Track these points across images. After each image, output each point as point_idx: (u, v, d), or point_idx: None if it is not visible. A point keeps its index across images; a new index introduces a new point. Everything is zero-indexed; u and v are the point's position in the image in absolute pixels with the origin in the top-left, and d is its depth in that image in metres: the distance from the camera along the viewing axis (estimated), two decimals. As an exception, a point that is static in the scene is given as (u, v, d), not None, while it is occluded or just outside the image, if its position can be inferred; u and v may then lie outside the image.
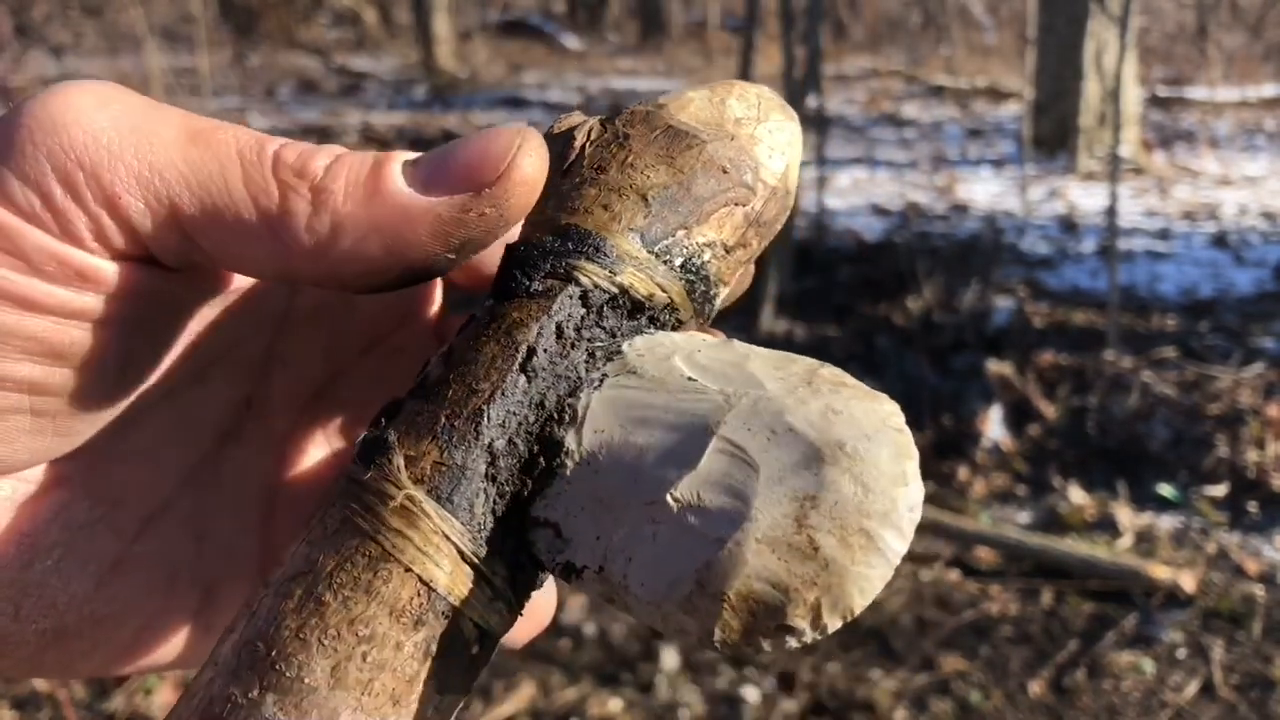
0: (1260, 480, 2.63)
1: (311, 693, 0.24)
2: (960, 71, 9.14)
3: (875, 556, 0.25)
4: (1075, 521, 2.52)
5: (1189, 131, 6.84)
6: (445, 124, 7.34)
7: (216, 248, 0.26)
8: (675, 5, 12.44)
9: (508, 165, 0.26)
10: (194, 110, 0.26)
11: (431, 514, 0.26)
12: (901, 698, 1.98)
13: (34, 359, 0.25)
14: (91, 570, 0.28)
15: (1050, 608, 2.22)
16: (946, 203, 5.30)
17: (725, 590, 0.24)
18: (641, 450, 0.26)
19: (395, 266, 0.26)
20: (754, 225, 0.31)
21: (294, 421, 0.33)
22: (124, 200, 0.25)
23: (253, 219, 0.25)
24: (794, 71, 3.73)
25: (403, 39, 11.65)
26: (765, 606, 0.24)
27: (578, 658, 2.10)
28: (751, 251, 0.32)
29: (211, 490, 0.31)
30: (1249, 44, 9.15)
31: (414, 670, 0.25)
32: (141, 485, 0.30)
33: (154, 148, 0.25)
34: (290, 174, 0.25)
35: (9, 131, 0.25)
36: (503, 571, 0.27)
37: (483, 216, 0.26)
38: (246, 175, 0.25)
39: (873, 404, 0.27)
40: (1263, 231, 4.72)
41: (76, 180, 0.24)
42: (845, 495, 0.25)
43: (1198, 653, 2.08)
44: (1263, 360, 3.20)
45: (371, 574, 0.25)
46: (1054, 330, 3.57)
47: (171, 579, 0.30)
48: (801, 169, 0.34)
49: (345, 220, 0.25)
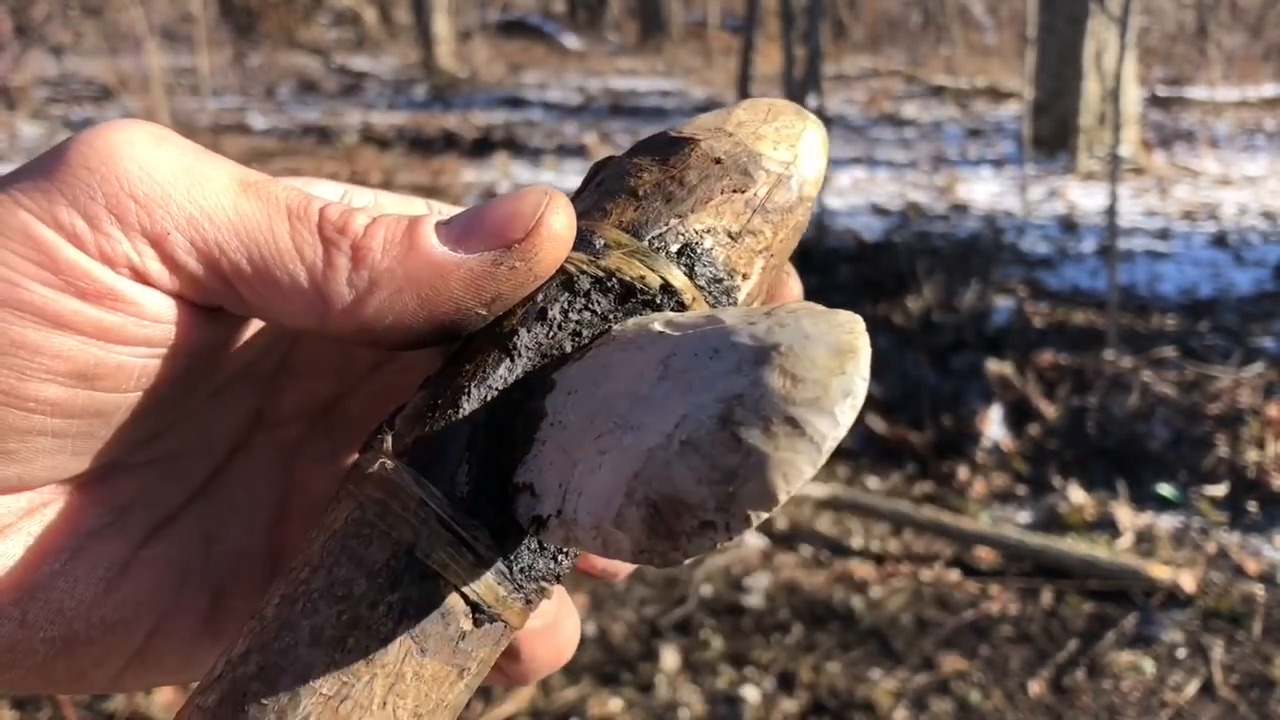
0: (1260, 480, 2.63)
1: (290, 649, 0.25)
2: (960, 71, 9.14)
3: (801, 442, 0.23)
4: (1075, 521, 2.52)
5: (1189, 131, 6.84)
6: (445, 124, 7.34)
7: (256, 296, 0.27)
8: (675, 5, 12.44)
9: (536, 222, 0.27)
10: (194, 110, 0.27)
11: (408, 481, 0.26)
12: (901, 697, 1.98)
13: (58, 379, 0.25)
14: (99, 574, 0.29)
15: (1050, 607, 2.22)
16: (946, 202, 5.30)
17: (649, 495, 0.24)
18: (602, 397, 0.27)
19: (428, 321, 0.27)
20: (760, 211, 0.31)
21: (304, 434, 0.33)
22: (171, 238, 0.26)
23: (298, 271, 0.26)
24: (794, 71, 3.72)
25: (403, 39, 11.65)
26: (685, 505, 0.24)
27: (578, 657, 2.10)
28: (766, 240, 0.31)
29: (221, 499, 0.31)
30: (1249, 44, 9.15)
31: (389, 630, 0.25)
32: (152, 493, 0.30)
33: (206, 192, 0.26)
34: (334, 231, 0.27)
35: (64, 156, 0.26)
36: (485, 538, 0.27)
37: (513, 270, 0.27)
38: (294, 229, 0.26)
39: (828, 317, 0.26)
40: (1262, 231, 4.72)
41: (127, 210, 0.25)
42: (772, 388, 0.24)
43: (1197, 652, 2.08)
44: (1262, 360, 3.20)
45: (354, 539, 0.26)
46: (1054, 330, 3.57)
47: (180, 582, 0.30)
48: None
49: (383, 275, 0.26)
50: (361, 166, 6.05)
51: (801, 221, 0.32)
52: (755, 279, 0.31)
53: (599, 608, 2.25)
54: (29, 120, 7.35)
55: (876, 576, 2.34)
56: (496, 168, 6.09)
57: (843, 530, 2.53)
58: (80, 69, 8.77)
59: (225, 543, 0.31)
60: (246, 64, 9.63)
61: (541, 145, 6.75)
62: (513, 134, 7.06)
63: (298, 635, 0.26)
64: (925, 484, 2.73)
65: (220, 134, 6.87)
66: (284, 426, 0.33)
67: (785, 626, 2.19)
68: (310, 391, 0.33)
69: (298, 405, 0.33)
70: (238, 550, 0.31)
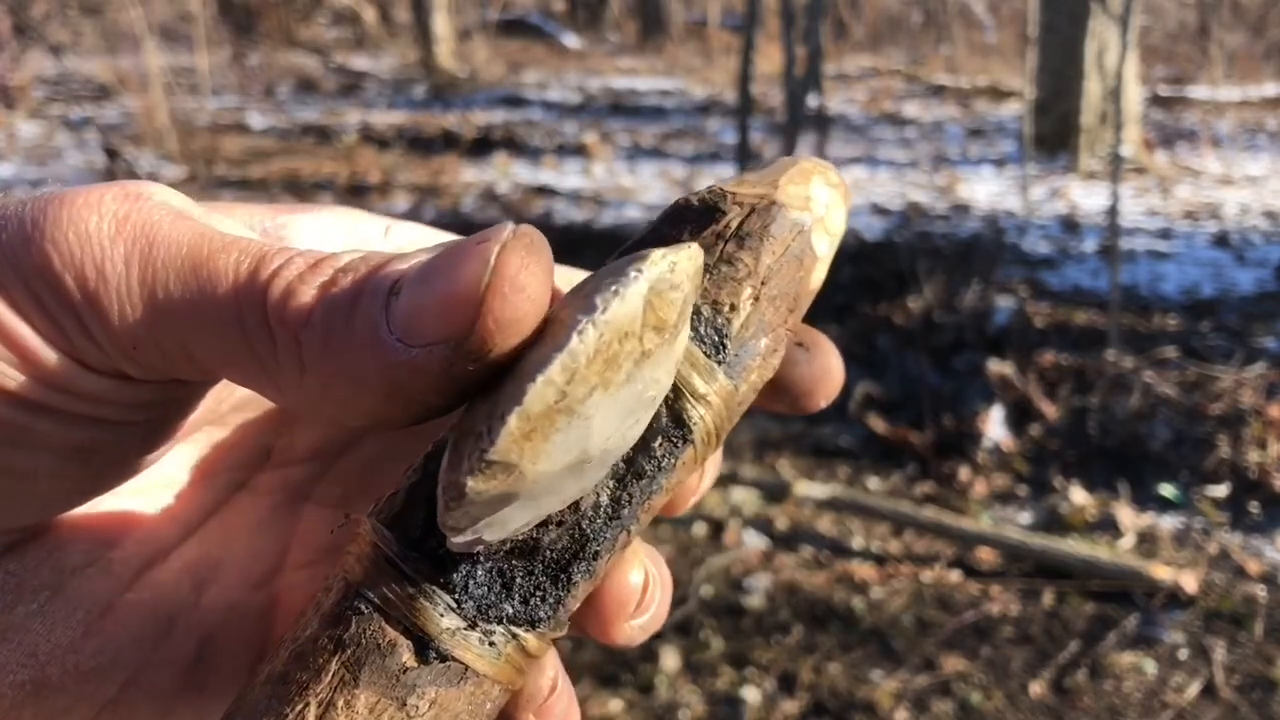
0: (1262, 480, 2.63)
1: (248, 692, 0.25)
2: (961, 71, 9.14)
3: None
4: (1076, 522, 2.52)
5: (1190, 131, 6.84)
6: (445, 123, 7.34)
7: (211, 374, 0.25)
8: (675, 5, 12.44)
9: (479, 312, 0.22)
10: (194, 110, 0.25)
11: (368, 530, 0.26)
12: (902, 698, 1.97)
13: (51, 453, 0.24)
14: (80, 616, 0.27)
15: (1051, 608, 2.22)
16: (947, 202, 5.30)
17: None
18: None
19: (401, 413, 0.24)
20: (733, 239, 0.30)
21: (315, 475, 0.32)
22: (113, 316, 0.23)
23: (250, 364, 0.24)
24: (794, 71, 3.72)
25: (402, 38, 11.65)
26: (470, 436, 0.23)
27: (578, 658, 2.09)
28: (747, 267, 0.29)
29: (217, 541, 0.30)
30: (1250, 43, 9.14)
31: (324, 661, 0.25)
32: (143, 531, 0.28)
33: (156, 267, 0.23)
34: (276, 321, 0.23)
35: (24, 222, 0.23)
36: (425, 569, 0.26)
37: (471, 372, 0.23)
38: (243, 317, 0.23)
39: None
40: (1264, 231, 4.72)
41: (65, 285, 0.23)
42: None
43: (1199, 653, 2.07)
44: (1264, 360, 3.19)
45: (321, 592, 0.26)
46: (1055, 330, 3.57)
47: (166, 628, 0.28)
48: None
49: (332, 378, 0.23)
50: (361, 166, 6.04)
51: (798, 248, 0.31)
52: (747, 310, 0.29)
53: (599, 608, 2.25)
54: (28, 119, 7.35)
55: (877, 577, 2.34)
56: (496, 167, 6.09)
57: (843, 531, 2.53)
58: (79, 68, 8.77)
59: (217, 592, 0.29)
60: (245, 63, 9.63)
61: (541, 145, 6.75)
62: (512, 133, 7.05)
63: (256, 679, 0.25)
64: (926, 484, 2.73)
65: (219, 133, 6.87)
66: (295, 466, 0.31)
67: (786, 627, 2.19)
68: (321, 431, 0.31)
69: (311, 443, 0.31)
70: (229, 601, 0.29)
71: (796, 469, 2.83)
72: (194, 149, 6.31)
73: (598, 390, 0.23)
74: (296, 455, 0.31)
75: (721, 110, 7.88)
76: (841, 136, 6.85)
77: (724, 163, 6.14)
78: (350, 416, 0.23)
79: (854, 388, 3.09)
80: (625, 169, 6.15)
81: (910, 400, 3.05)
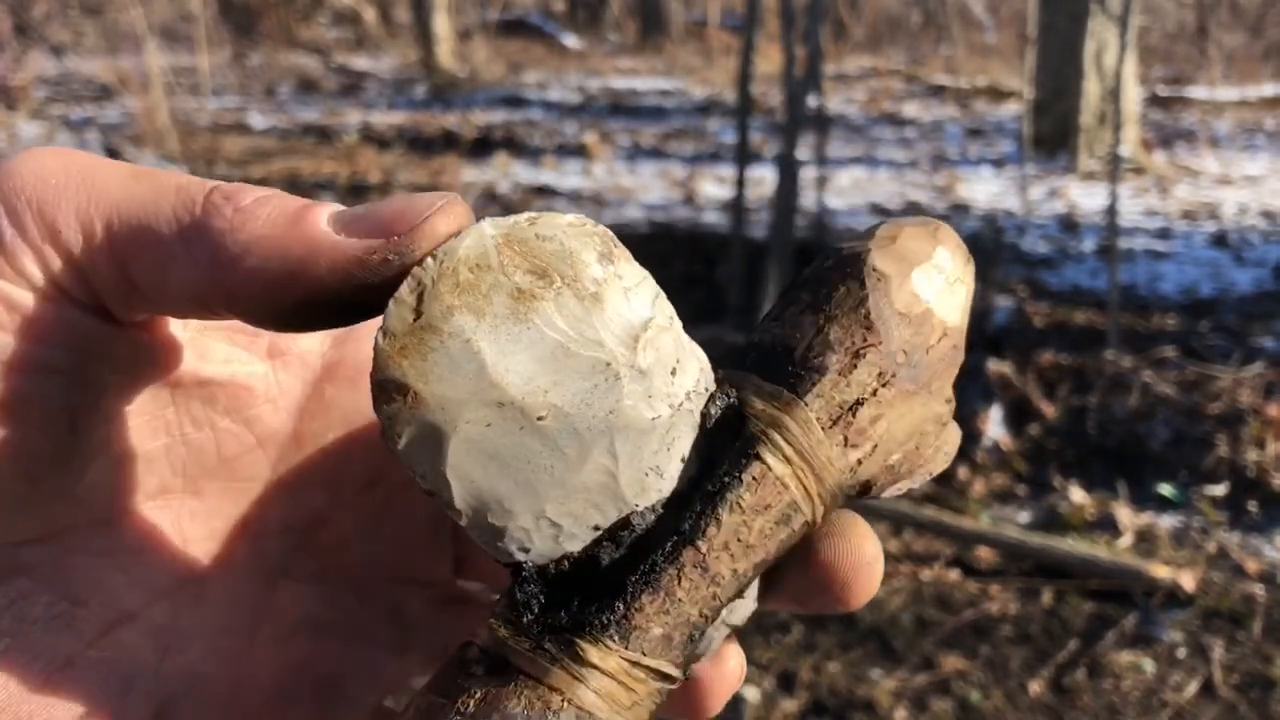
0: (1260, 480, 2.63)
1: None
2: (960, 71, 9.14)
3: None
4: (1075, 521, 2.52)
5: (1189, 131, 6.84)
6: (445, 123, 7.34)
7: (142, 271, 0.26)
8: (675, 5, 12.44)
9: (422, 221, 0.26)
10: (193, 109, 0.27)
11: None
12: (901, 697, 1.98)
13: None
14: (38, 669, 0.26)
15: (1050, 607, 2.22)
16: (947, 202, 5.30)
17: None
18: None
19: (294, 297, 0.26)
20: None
21: (290, 548, 0.32)
22: (63, 233, 0.26)
23: (173, 232, 0.26)
24: (794, 71, 3.72)
25: (402, 38, 11.65)
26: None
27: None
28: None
29: (187, 609, 0.29)
30: (1249, 43, 9.15)
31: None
32: (110, 592, 0.28)
33: (96, 184, 0.26)
34: (219, 197, 0.27)
35: None
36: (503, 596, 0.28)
37: (384, 263, 0.26)
38: (177, 199, 0.26)
39: None
40: (1263, 231, 4.72)
41: (23, 216, 0.26)
42: None
43: (1198, 652, 2.08)
44: (1263, 360, 3.20)
45: None
46: (1054, 330, 3.58)
47: (124, 689, 0.28)
48: (801, 168, 0.33)
49: (258, 241, 0.26)
50: (361, 166, 6.05)
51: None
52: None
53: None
54: (29, 119, 7.35)
55: (876, 576, 2.34)
56: (496, 167, 6.09)
57: (843, 530, 2.53)
58: (80, 68, 8.77)
59: (182, 660, 0.29)
60: (246, 63, 9.63)
61: (541, 144, 6.75)
62: (513, 133, 7.06)
63: None
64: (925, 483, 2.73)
65: (220, 133, 6.87)
66: (270, 539, 0.31)
67: (785, 626, 2.19)
68: (299, 504, 0.32)
69: (284, 517, 0.31)
70: (193, 670, 0.29)
71: (796, 468, 2.84)
72: (195, 149, 6.31)
73: (462, 313, 0.25)
74: (272, 528, 0.31)
75: (721, 110, 7.88)
76: (841, 136, 6.86)
77: (724, 163, 6.15)
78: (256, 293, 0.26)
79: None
80: (625, 169, 6.15)
81: (910, 400, 3.06)
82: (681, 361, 0.27)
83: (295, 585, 0.31)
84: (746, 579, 0.28)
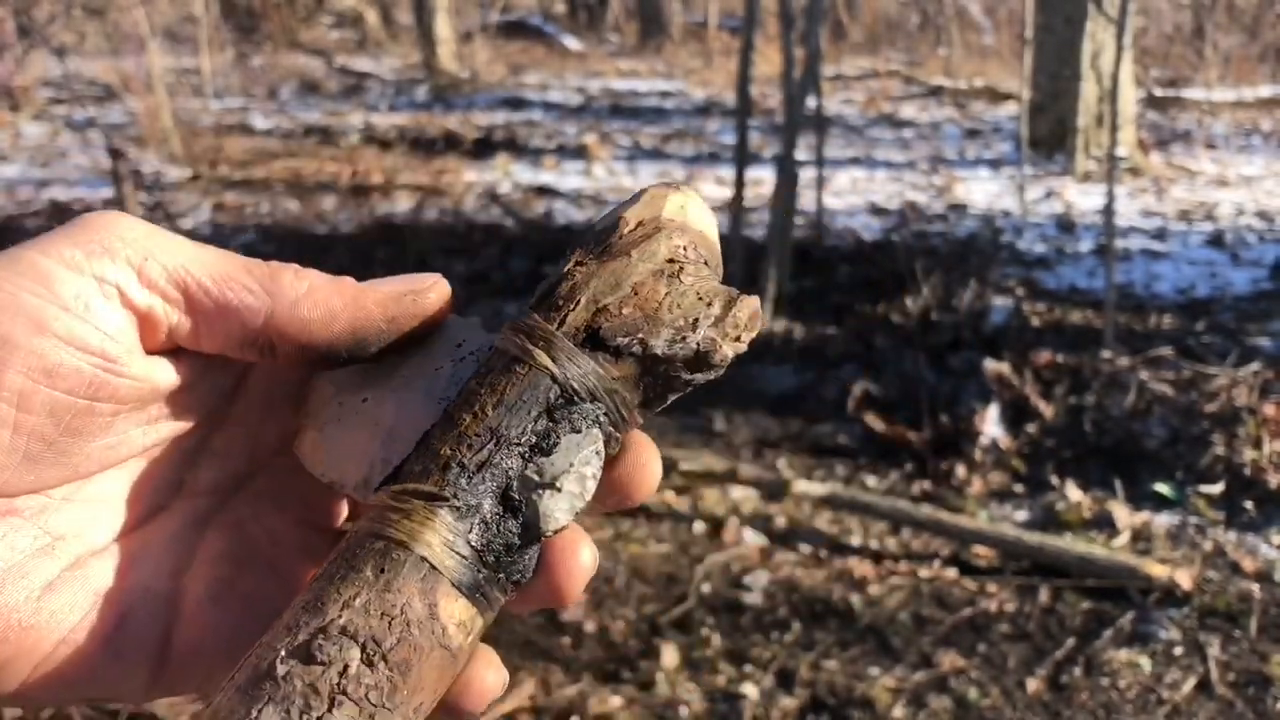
0: (1257, 478, 2.65)
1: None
2: (958, 72, 9.16)
3: None
4: (1073, 519, 2.54)
5: (1186, 132, 6.86)
6: (446, 124, 7.35)
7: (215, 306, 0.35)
8: (675, 6, 12.45)
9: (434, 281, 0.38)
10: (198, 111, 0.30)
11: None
12: (900, 695, 1.99)
13: (27, 373, 0.31)
14: (25, 585, 0.33)
15: (1048, 605, 2.24)
16: (944, 203, 5.32)
17: None
18: None
19: (347, 326, 0.36)
20: None
21: (215, 506, 0.39)
22: (149, 264, 0.34)
23: (250, 282, 0.35)
24: (793, 72, 3.74)
25: (404, 40, 11.66)
26: None
27: (578, 655, 2.11)
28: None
29: (139, 545, 0.37)
30: (1246, 45, 9.16)
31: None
32: (85, 528, 0.35)
33: (177, 241, 0.35)
34: (277, 264, 0.36)
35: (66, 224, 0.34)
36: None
37: (414, 303, 0.37)
38: (246, 263, 0.35)
39: None
40: (1259, 231, 4.74)
41: (115, 248, 0.34)
42: None
43: (1194, 650, 2.09)
44: (1259, 359, 3.21)
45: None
46: (1051, 329, 3.59)
47: (95, 601, 0.35)
48: (800, 168, 0.36)
49: (319, 287, 0.36)
50: (363, 167, 6.06)
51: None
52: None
53: (599, 605, 2.26)
54: (32, 120, 7.36)
55: (875, 574, 2.36)
56: (497, 168, 6.11)
57: (841, 528, 2.55)
58: (83, 70, 8.78)
59: (135, 578, 0.36)
60: (249, 65, 9.64)
61: (542, 145, 6.76)
62: (514, 134, 7.07)
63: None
64: (923, 482, 2.75)
65: (222, 134, 6.88)
66: (200, 498, 0.39)
67: (784, 624, 2.20)
68: (225, 469, 0.39)
69: (212, 481, 0.39)
70: (146, 586, 0.36)
71: (795, 467, 2.85)
72: (197, 150, 6.33)
73: None
74: (201, 489, 0.39)
75: (721, 111, 7.90)
76: (839, 137, 6.87)
77: (723, 163, 6.16)
78: (317, 323, 0.36)
79: (852, 387, 3.11)
80: (625, 169, 6.17)
81: (908, 399, 3.07)
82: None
83: (219, 531, 0.39)
84: (495, 425, 0.35)
